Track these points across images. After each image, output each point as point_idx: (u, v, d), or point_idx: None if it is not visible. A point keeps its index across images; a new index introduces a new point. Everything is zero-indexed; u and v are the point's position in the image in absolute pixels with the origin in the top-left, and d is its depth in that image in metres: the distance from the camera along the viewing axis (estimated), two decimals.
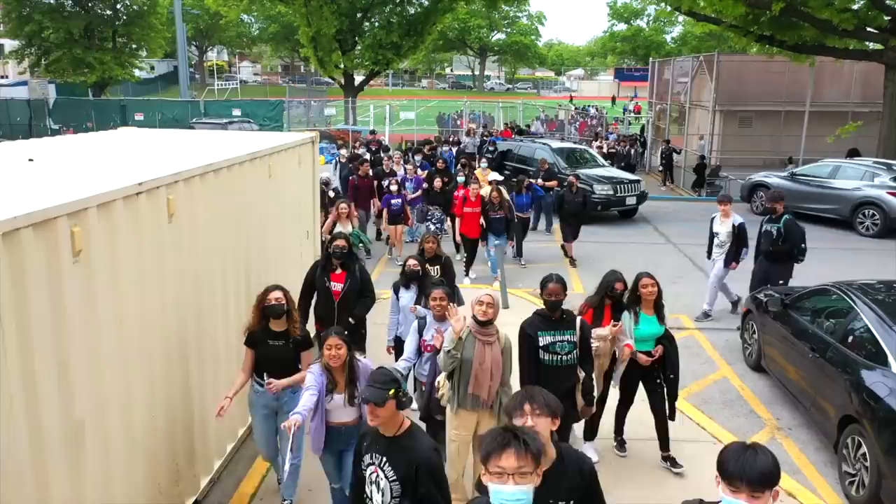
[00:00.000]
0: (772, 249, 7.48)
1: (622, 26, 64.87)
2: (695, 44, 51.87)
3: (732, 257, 7.92)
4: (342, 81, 28.17)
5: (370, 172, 11.31)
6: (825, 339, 5.36)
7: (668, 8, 20.74)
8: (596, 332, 4.70)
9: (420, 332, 4.58)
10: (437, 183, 10.63)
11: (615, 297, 4.91)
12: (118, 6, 32.80)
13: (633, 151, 20.77)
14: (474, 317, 4.03)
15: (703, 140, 20.63)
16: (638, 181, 14.40)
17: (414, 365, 4.65)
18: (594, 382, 4.47)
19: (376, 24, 28.01)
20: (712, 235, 8.07)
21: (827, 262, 11.01)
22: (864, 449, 4.49)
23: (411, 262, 5.40)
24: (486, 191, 10.05)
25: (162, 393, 3.89)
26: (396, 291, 5.43)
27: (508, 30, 70.59)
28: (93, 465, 3.19)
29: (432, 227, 10.12)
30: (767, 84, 20.72)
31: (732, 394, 6.30)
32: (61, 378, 2.96)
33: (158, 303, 3.82)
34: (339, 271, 5.35)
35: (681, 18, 60.49)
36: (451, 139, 19.52)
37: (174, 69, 44.87)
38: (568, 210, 10.62)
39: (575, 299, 9.30)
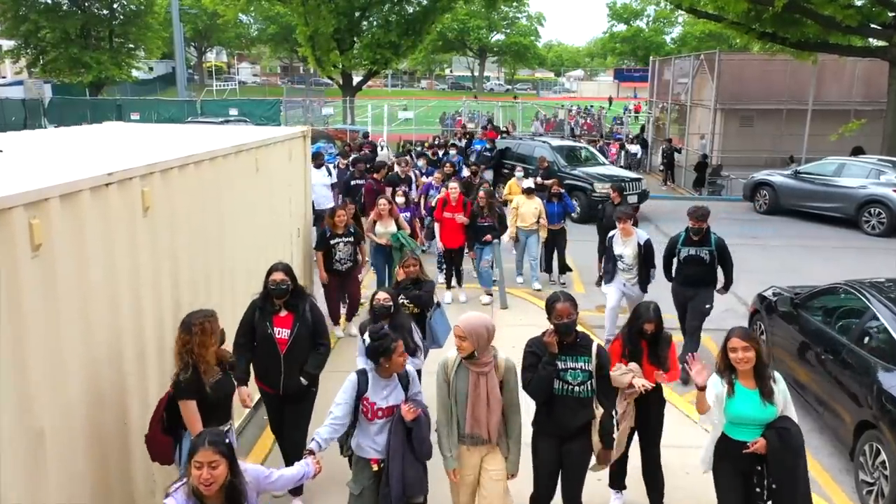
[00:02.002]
0: (703, 277, 6.23)
1: (622, 27, 64.83)
2: (694, 44, 51.78)
3: (646, 281, 6.77)
4: (340, 81, 27.96)
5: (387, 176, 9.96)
6: (838, 339, 5.12)
7: (668, 7, 20.55)
8: (614, 373, 3.94)
9: (359, 391, 3.41)
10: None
11: (648, 339, 4.10)
12: (115, 6, 32.58)
13: (622, 153, 20.39)
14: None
15: (704, 139, 20.44)
16: (639, 179, 14.18)
17: (350, 434, 3.50)
18: (615, 421, 3.75)
19: (374, 23, 27.83)
20: (613, 259, 6.77)
21: (833, 261, 10.80)
22: (883, 456, 4.25)
23: (381, 295, 4.33)
24: (531, 206, 8.76)
25: (135, 399, 3.64)
26: (364, 333, 4.21)
27: (508, 30, 70.38)
28: (56, 477, 2.94)
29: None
30: (769, 83, 20.56)
31: None
32: (18, 382, 2.72)
33: (132, 302, 3.57)
34: (283, 313, 4.14)
35: (681, 19, 60.98)
36: (438, 142, 17.20)
37: (173, 70, 44.66)
38: (607, 227, 8.51)
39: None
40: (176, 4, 26.13)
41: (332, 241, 6.69)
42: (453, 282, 8.48)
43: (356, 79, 29.29)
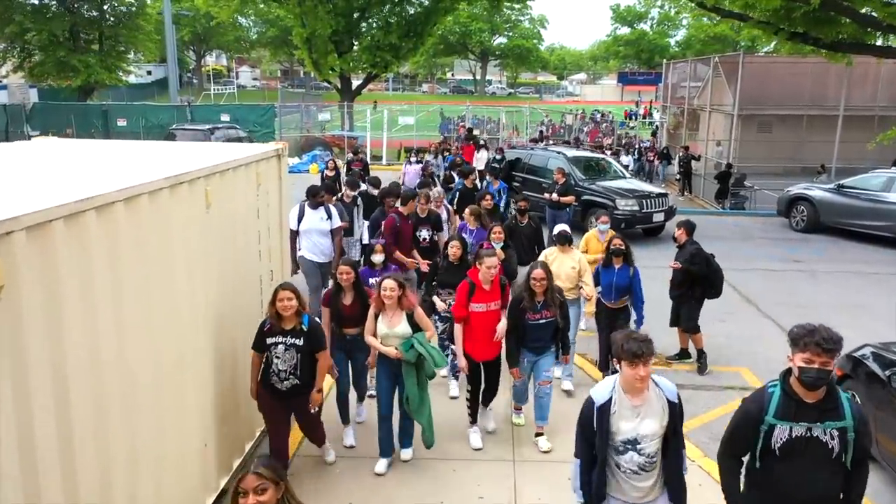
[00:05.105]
0: (829, 486, 2.83)
1: (625, 30, 64.02)
2: (699, 47, 50.95)
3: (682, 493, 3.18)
4: (339, 85, 26.75)
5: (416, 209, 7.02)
6: None
7: (674, 10, 19.48)
8: None
9: None
10: (454, 251, 5.76)
11: None
12: (105, 7, 31.38)
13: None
14: None
15: (721, 146, 19.24)
16: (665, 195, 12.82)
17: None
18: None
19: (374, 24, 26.65)
20: (605, 447, 3.09)
21: None
22: None
23: None
24: (567, 264, 5.85)
25: None
26: None
27: (510, 33, 69.36)
28: None
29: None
30: (790, 86, 19.45)
31: None
32: None
33: None
34: None
35: (685, 21, 59.79)
36: (413, 158, 13.57)
37: None
38: (679, 280, 6.46)
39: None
40: (168, 6, 24.95)
41: (268, 340, 4.19)
42: (480, 412, 5.25)
43: (355, 82, 28.07)
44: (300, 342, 4.15)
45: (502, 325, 4.88)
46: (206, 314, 4.11)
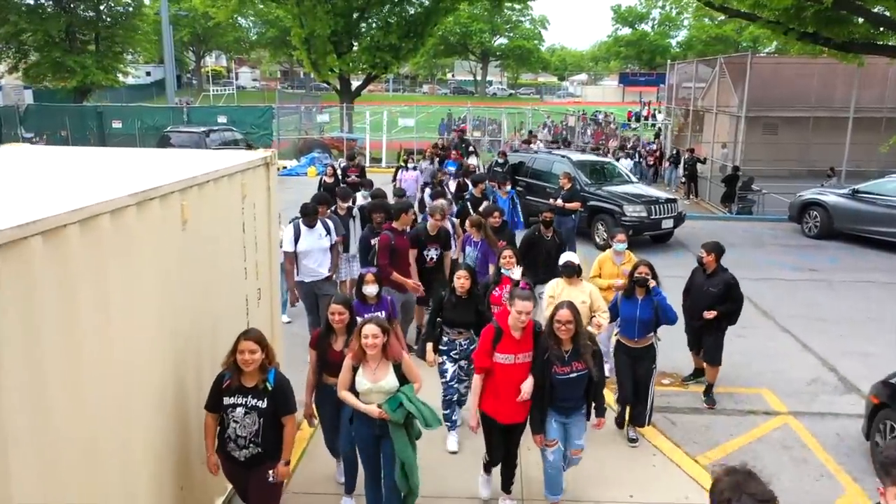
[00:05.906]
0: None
1: (626, 30, 63.71)
2: (700, 48, 50.69)
3: None
4: (338, 86, 26.38)
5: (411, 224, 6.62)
6: None
7: (675, 11, 19.11)
8: None
9: None
10: (462, 282, 5.04)
11: None
12: (101, 7, 31.01)
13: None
14: None
15: (726, 148, 18.88)
16: (674, 200, 12.39)
17: None
18: None
19: (374, 25, 26.29)
20: None
21: None
22: None
23: None
24: (578, 298, 4.85)
25: None
26: None
27: (511, 34, 69.05)
28: None
29: (460, 388, 5.07)
30: (796, 88, 19.10)
31: None
32: None
33: None
34: None
35: (686, 22, 59.45)
36: (410, 164, 12.68)
37: None
38: (697, 302, 5.76)
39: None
40: (165, 6, 24.59)
41: (225, 400, 3.51)
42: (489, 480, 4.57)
43: (355, 83, 27.69)
44: (263, 404, 3.42)
45: (528, 385, 3.94)
46: (184, 345, 3.71)
